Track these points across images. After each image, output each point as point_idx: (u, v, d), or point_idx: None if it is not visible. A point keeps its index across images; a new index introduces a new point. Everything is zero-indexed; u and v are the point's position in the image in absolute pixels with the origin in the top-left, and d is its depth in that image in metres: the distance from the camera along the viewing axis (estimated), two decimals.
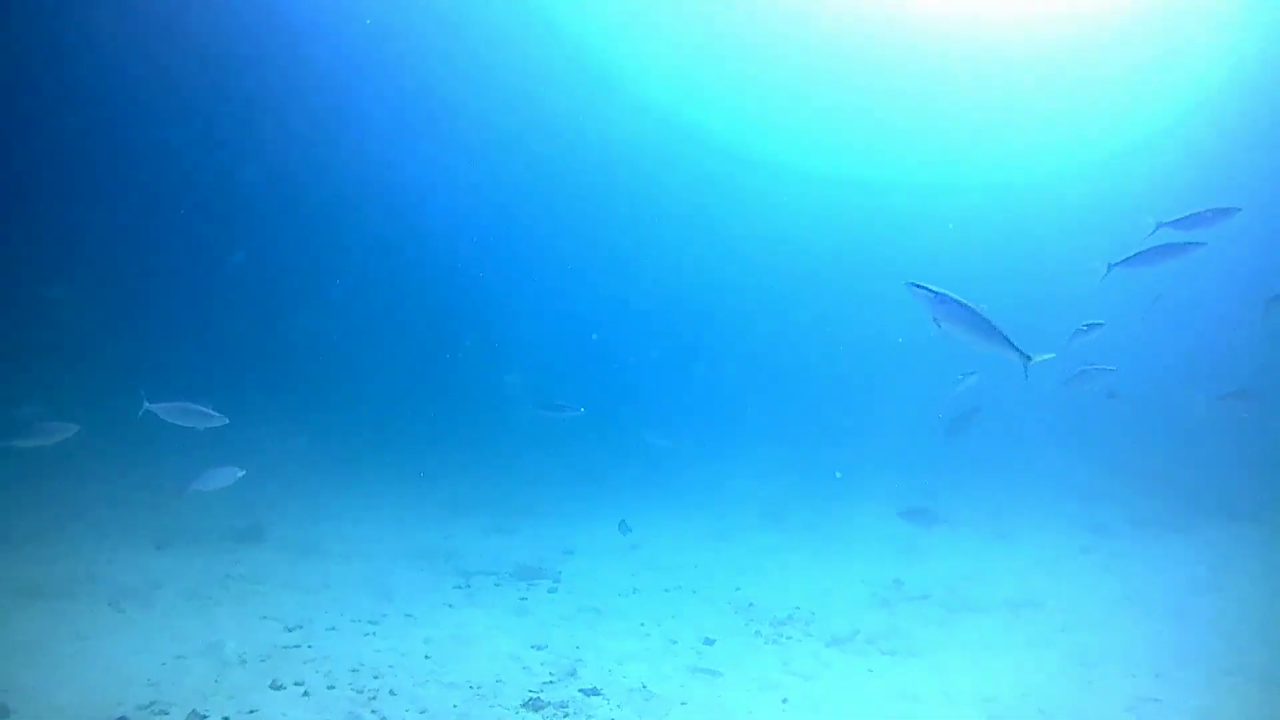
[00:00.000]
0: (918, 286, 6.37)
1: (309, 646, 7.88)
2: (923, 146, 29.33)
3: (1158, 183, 23.25)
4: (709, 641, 8.95)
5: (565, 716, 6.78)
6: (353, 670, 7.34)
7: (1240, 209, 8.12)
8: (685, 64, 27.84)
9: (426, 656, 7.87)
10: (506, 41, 25.60)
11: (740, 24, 25.44)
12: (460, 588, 10.57)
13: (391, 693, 6.92)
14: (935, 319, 6.37)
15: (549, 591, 10.71)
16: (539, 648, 8.41)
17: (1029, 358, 6.40)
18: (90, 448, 14.70)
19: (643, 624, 9.49)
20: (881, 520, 15.58)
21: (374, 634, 8.42)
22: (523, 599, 10.27)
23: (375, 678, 7.21)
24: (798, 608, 10.26)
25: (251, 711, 6.36)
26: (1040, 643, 8.95)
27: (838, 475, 16.57)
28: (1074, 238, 25.99)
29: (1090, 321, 9.67)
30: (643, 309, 32.47)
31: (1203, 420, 16.25)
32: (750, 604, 10.41)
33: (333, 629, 8.47)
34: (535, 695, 7.10)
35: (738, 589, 11.13)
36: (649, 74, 28.56)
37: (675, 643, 8.89)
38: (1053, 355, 6.54)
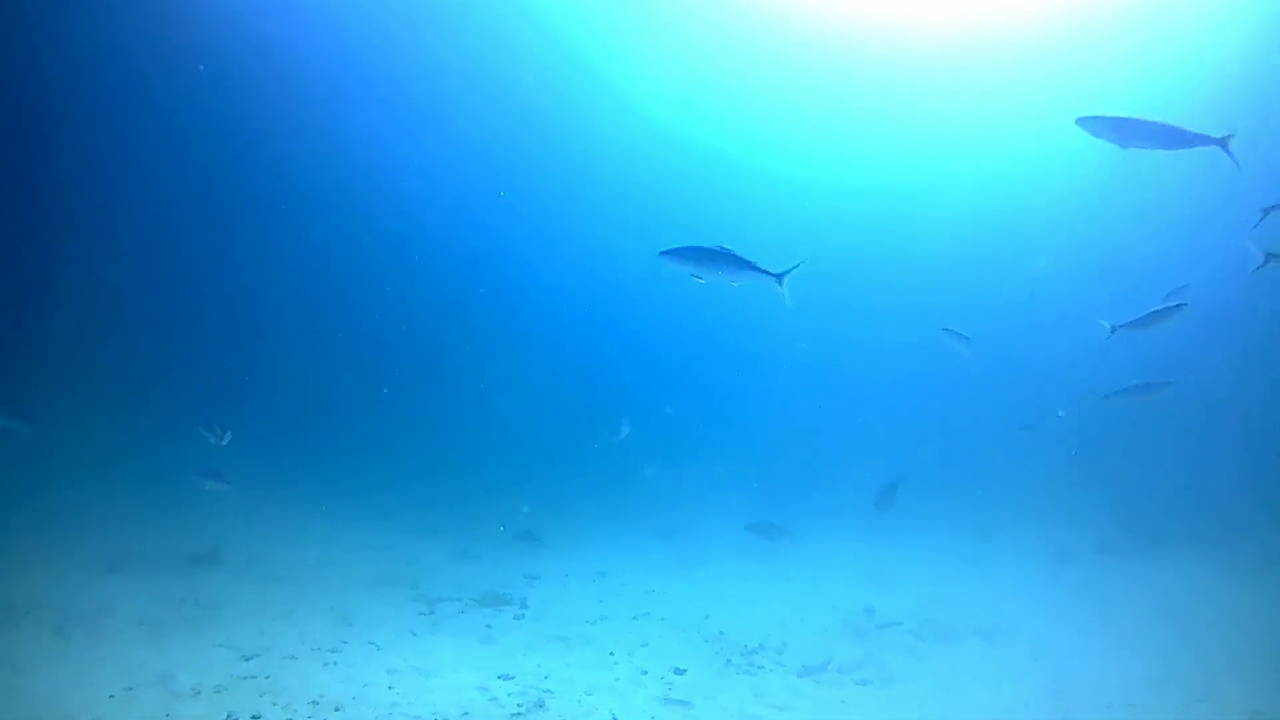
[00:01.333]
0: (667, 253, 6.66)
1: (266, 677, 7.57)
2: (914, 148, 29.55)
3: (1147, 174, 23.60)
4: (679, 671, 8.77)
5: None
6: (312, 702, 7.05)
7: None
8: (684, 75, 28.00)
9: (390, 687, 7.60)
10: (509, 57, 25.62)
11: (733, 33, 25.66)
12: (424, 615, 10.28)
13: None
14: (694, 276, 6.69)
15: (515, 619, 10.46)
16: (506, 678, 8.17)
17: (780, 277, 6.81)
18: (39, 464, 14.28)
19: (612, 653, 9.28)
20: (849, 545, 15.61)
21: (335, 663, 8.13)
22: (488, 626, 10.01)
23: (336, 710, 6.94)
24: (768, 636, 10.11)
25: None
26: (1014, 671, 8.90)
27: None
28: (1065, 231, 26.34)
29: (1169, 304, 8.51)
30: (624, 328, 32.45)
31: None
32: (720, 632, 10.24)
33: (292, 658, 8.16)
34: None
35: (707, 616, 10.95)
36: (653, 90, 28.69)
37: (645, 673, 8.69)
38: (803, 261, 6.89)
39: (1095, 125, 7.22)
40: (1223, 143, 7.51)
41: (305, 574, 11.64)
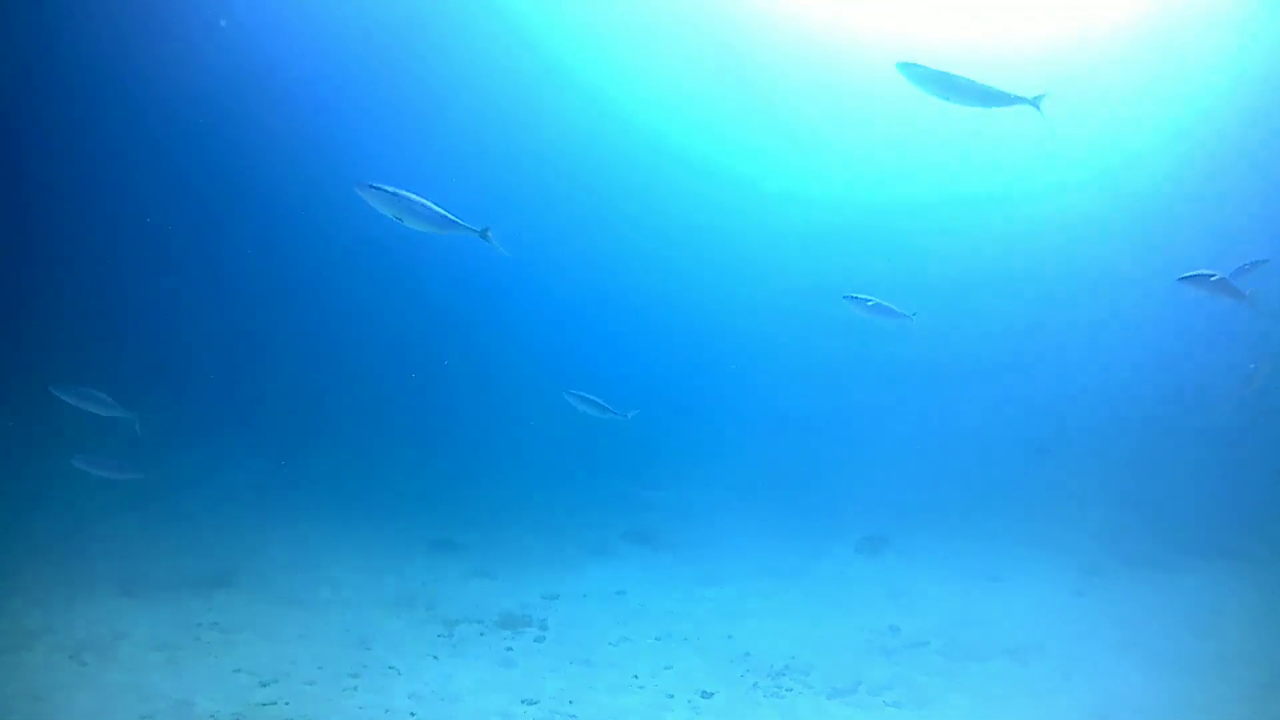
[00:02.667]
0: (372, 187, 6.60)
1: (286, 703, 7.41)
2: (917, 162, 29.31)
3: (1159, 192, 23.39)
4: (706, 695, 8.57)
5: None
6: None
7: None
8: (669, 81, 27.89)
9: (412, 714, 7.43)
10: (498, 63, 25.59)
11: (725, 43, 25.58)
12: (443, 637, 10.09)
13: None
14: (397, 218, 6.72)
15: (536, 640, 10.27)
16: (530, 702, 7.99)
17: (485, 233, 6.98)
18: (49, 485, 14.15)
19: (636, 676, 9.08)
20: (869, 561, 15.39)
21: (355, 689, 7.96)
22: (509, 649, 9.82)
23: None
24: (794, 657, 9.90)
25: None
26: (1048, 691, 8.68)
27: None
28: (1073, 248, 26.09)
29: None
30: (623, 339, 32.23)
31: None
32: (745, 653, 10.03)
33: (311, 683, 7.99)
34: None
35: (730, 637, 10.75)
36: (638, 95, 28.62)
37: (671, 696, 8.49)
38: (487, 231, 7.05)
39: (916, 73, 7.41)
40: (1035, 102, 7.74)
41: (320, 595, 11.47)
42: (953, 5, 23.51)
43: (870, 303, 10.23)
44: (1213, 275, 8.57)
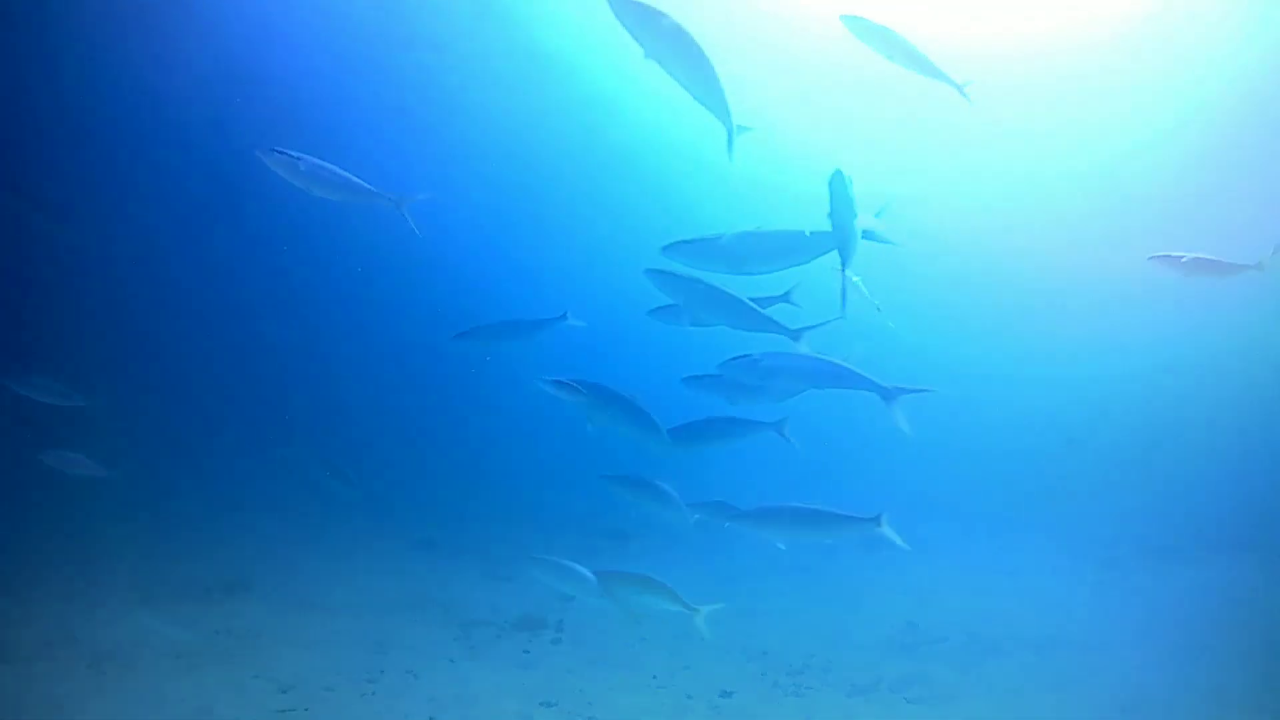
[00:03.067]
0: (275, 152, 6.37)
1: (305, 709, 7.39)
2: (919, 158, 29.14)
3: (1152, 189, 23.27)
4: (726, 694, 8.53)
5: None
6: None
7: None
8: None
9: (431, 718, 7.40)
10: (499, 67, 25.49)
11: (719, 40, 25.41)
12: (459, 640, 10.08)
13: None
14: (305, 187, 6.41)
15: (552, 642, 10.25)
16: (548, 705, 7.96)
17: (396, 201, 6.69)
18: (66, 493, 14.17)
19: (655, 676, 9.04)
20: (884, 558, 15.29)
21: (373, 693, 7.94)
22: (525, 651, 9.81)
23: None
24: (813, 655, 9.86)
25: None
26: (1072, 685, 8.61)
27: None
28: (1067, 243, 25.97)
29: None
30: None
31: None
32: (764, 652, 9.99)
33: (329, 689, 7.97)
34: None
35: (748, 635, 10.69)
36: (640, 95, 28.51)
37: (690, 697, 8.45)
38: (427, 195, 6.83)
39: (861, 27, 7.23)
40: (961, 88, 7.70)
41: (336, 600, 11.44)
42: (953, 5, 23.38)
43: (855, 280, 10.11)
44: (1183, 256, 8.20)
